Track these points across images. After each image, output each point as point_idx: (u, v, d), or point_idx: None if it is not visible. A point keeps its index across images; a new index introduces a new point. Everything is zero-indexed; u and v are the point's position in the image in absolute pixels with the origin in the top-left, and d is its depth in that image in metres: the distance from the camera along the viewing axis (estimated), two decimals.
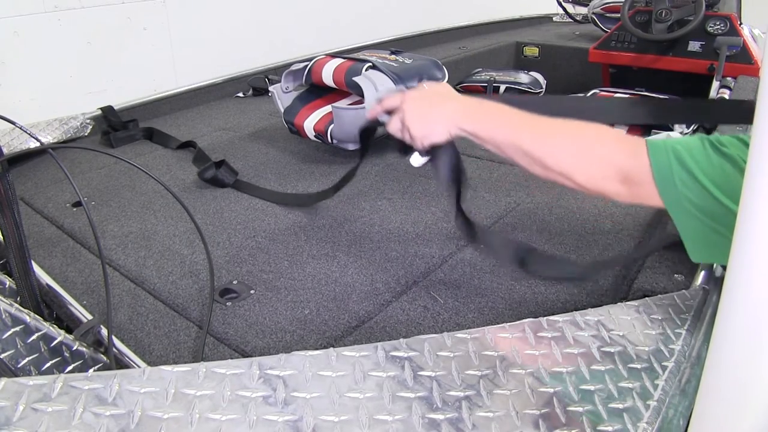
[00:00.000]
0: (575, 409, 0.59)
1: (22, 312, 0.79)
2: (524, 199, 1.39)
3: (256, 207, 1.40)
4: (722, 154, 0.68)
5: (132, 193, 1.50)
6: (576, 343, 0.69)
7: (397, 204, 1.39)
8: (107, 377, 0.56)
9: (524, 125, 0.82)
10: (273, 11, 2.83)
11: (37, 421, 0.51)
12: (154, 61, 2.44)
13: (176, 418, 0.53)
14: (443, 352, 0.65)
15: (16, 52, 2.03)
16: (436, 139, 0.87)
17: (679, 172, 0.69)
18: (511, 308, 0.99)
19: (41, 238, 1.29)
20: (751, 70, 2.35)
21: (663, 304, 0.79)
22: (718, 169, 0.67)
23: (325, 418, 0.55)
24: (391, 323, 0.97)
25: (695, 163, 0.69)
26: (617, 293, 1.02)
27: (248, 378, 0.58)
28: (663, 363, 0.67)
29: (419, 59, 1.67)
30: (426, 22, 3.38)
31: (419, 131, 0.87)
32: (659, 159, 0.71)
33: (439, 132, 0.86)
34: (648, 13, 2.57)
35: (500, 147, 0.83)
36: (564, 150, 0.78)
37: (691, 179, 0.69)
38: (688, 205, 0.69)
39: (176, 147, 1.82)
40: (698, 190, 0.68)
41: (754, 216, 0.42)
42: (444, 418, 0.56)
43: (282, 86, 1.71)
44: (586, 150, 0.77)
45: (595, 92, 2.41)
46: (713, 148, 0.69)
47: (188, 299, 1.05)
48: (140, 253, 1.21)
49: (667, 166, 0.70)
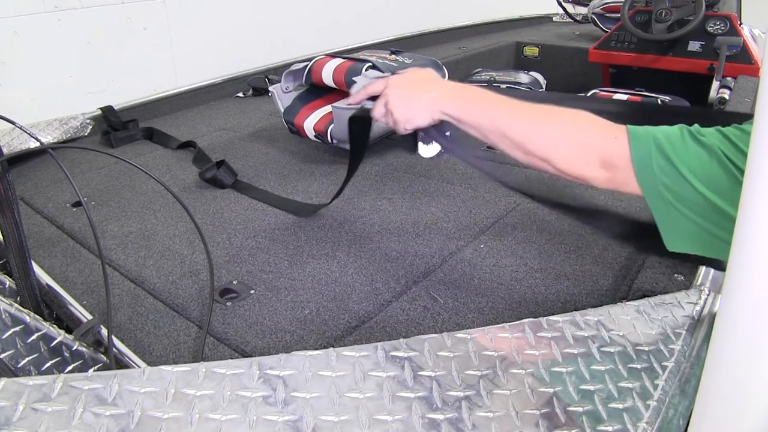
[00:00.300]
0: (575, 409, 0.59)
1: (22, 312, 0.79)
2: (524, 199, 1.39)
3: (256, 207, 1.40)
4: (700, 143, 0.68)
5: (132, 193, 1.50)
6: (576, 343, 0.69)
7: (397, 204, 1.39)
8: (107, 377, 0.56)
9: (506, 109, 0.81)
10: (273, 11, 2.83)
11: (37, 421, 0.51)
12: (154, 61, 2.44)
13: (176, 418, 0.53)
14: (443, 352, 0.65)
15: (16, 52, 2.03)
16: (418, 123, 0.87)
17: (657, 158, 0.69)
18: (511, 308, 0.99)
19: (41, 238, 1.29)
20: (751, 70, 2.35)
21: (663, 304, 0.79)
22: (694, 157, 0.68)
23: (325, 418, 0.55)
24: (391, 323, 0.97)
25: (673, 149, 0.69)
26: (617, 293, 1.02)
27: (248, 378, 0.58)
28: (663, 363, 0.67)
29: (419, 59, 1.67)
30: (426, 22, 3.38)
31: (402, 115, 0.88)
32: (639, 145, 0.71)
33: (421, 116, 0.86)
34: (648, 13, 2.57)
35: (482, 131, 0.82)
36: (544, 134, 0.78)
37: (668, 165, 0.69)
38: (665, 191, 0.69)
39: (176, 147, 1.82)
40: (675, 176, 0.68)
41: (753, 216, 0.42)
42: (444, 418, 0.56)
43: (282, 86, 1.71)
44: (566, 135, 0.77)
45: (595, 92, 2.41)
46: (691, 137, 0.69)
47: (188, 299, 1.05)
48: (140, 253, 1.21)
49: (647, 152, 0.70)
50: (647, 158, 0.70)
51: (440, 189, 1.45)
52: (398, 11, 3.49)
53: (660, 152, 0.69)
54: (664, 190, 0.69)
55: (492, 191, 1.44)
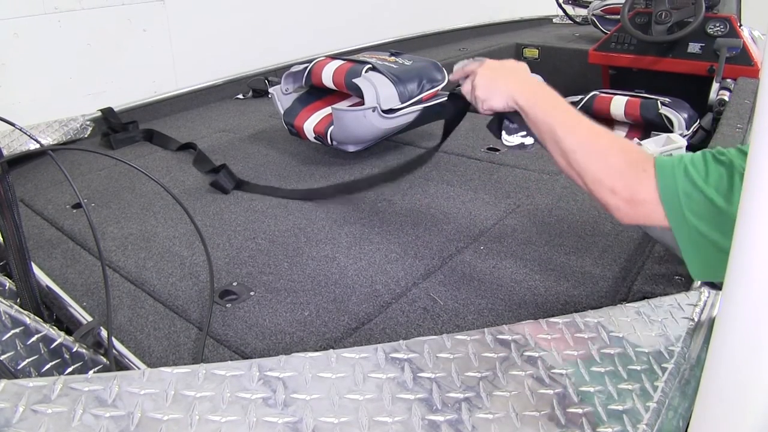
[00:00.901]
0: (575, 411, 0.59)
1: (22, 314, 0.79)
2: (524, 201, 1.39)
3: (256, 209, 1.40)
4: (719, 161, 0.71)
5: (132, 194, 1.50)
6: (576, 344, 0.69)
7: (396, 206, 1.39)
8: (107, 379, 0.56)
9: (565, 117, 0.86)
10: (273, 13, 2.83)
11: (36, 422, 0.51)
12: (154, 63, 2.45)
13: (176, 419, 0.53)
14: (443, 353, 0.65)
15: (16, 53, 2.03)
16: (494, 105, 0.95)
17: (683, 183, 0.72)
18: (511, 310, 0.99)
19: (41, 239, 1.29)
20: (750, 72, 2.35)
21: (663, 306, 0.79)
22: (715, 174, 0.70)
23: (324, 419, 0.55)
24: (390, 325, 0.97)
25: (696, 172, 0.72)
26: (617, 295, 1.02)
27: (248, 379, 0.58)
28: (663, 365, 0.67)
29: (419, 61, 1.67)
30: (426, 24, 3.38)
31: (482, 94, 0.96)
32: (665, 173, 0.73)
33: (497, 100, 0.94)
34: (648, 15, 2.57)
35: (540, 129, 0.88)
36: (586, 151, 0.81)
37: (692, 187, 0.71)
38: (690, 215, 0.71)
39: (176, 149, 1.82)
40: (698, 197, 0.71)
41: (753, 217, 0.42)
42: (444, 419, 0.56)
43: (282, 88, 1.72)
44: (602, 158, 0.80)
45: (595, 94, 2.41)
46: (712, 158, 0.72)
47: (188, 301, 1.05)
48: (140, 254, 1.21)
49: (672, 180, 0.73)
50: (673, 185, 0.72)
51: (440, 191, 1.46)
52: (398, 13, 3.49)
53: (686, 177, 0.72)
54: (690, 214, 0.71)
55: (492, 193, 1.44)
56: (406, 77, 1.55)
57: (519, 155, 1.66)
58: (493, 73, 0.97)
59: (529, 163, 1.61)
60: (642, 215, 0.76)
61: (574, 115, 0.86)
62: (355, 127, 1.52)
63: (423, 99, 1.59)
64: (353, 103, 1.64)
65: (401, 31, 3.18)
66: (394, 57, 1.69)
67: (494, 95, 0.95)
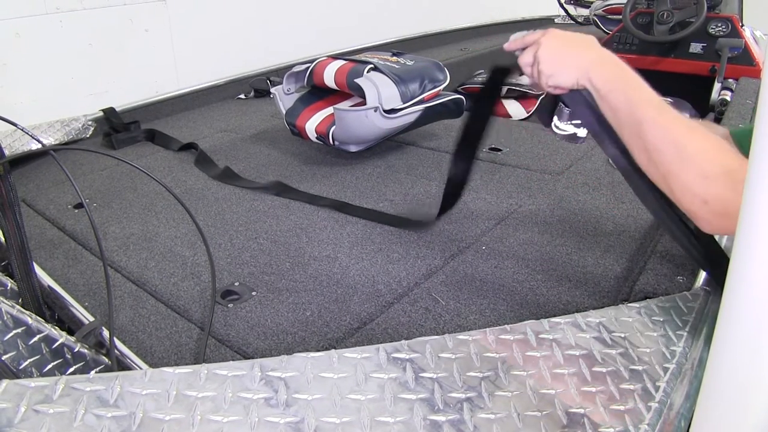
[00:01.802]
0: (576, 411, 0.59)
1: (23, 314, 0.79)
2: (526, 201, 1.39)
3: (258, 209, 1.40)
4: None
5: (134, 194, 1.50)
6: (577, 344, 0.69)
7: (398, 205, 1.39)
8: (109, 379, 0.56)
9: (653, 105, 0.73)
10: (275, 13, 2.83)
11: (38, 422, 0.51)
12: (156, 63, 2.45)
13: (178, 419, 0.53)
14: (445, 353, 0.65)
15: (18, 53, 2.04)
16: (561, 82, 0.82)
17: None
18: (513, 310, 0.99)
19: (43, 239, 1.29)
20: (752, 72, 2.35)
21: (664, 306, 0.79)
22: None
23: (326, 419, 0.55)
24: (392, 325, 0.97)
25: None
26: (619, 295, 1.02)
27: (250, 380, 0.58)
28: (664, 365, 0.67)
29: (421, 61, 1.67)
30: (428, 24, 3.38)
31: (548, 68, 0.82)
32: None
33: (567, 75, 0.81)
34: (650, 15, 2.57)
35: (618, 117, 0.76)
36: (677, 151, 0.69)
37: None
38: None
39: (178, 149, 1.82)
40: None
41: (755, 217, 0.42)
42: (445, 419, 0.56)
43: (284, 88, 1.72)
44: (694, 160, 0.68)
45: None
46: None
47: (190, 301, 1.05)
48: (142, 254, 1.21)
49: None
50: None
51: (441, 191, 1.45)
52: (400, 13, 3.50)
53: None
54: None
55: (493, 193, 1.44)
56: (408, 77, 1.55)
57: (520, 155, 1.66)
58: (563, 45, 0.82)
59: (530, 163, 1.61)
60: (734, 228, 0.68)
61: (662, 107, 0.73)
62: (357, 127, 1.52)
63: (425, 99, 1.59)
64: (355, 103, 1.64)
65: (403, 31, 3.19)
66: (396, 57, 1.69)
67: (563, 70, 0.81)
